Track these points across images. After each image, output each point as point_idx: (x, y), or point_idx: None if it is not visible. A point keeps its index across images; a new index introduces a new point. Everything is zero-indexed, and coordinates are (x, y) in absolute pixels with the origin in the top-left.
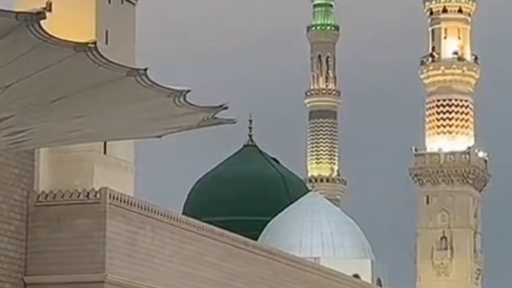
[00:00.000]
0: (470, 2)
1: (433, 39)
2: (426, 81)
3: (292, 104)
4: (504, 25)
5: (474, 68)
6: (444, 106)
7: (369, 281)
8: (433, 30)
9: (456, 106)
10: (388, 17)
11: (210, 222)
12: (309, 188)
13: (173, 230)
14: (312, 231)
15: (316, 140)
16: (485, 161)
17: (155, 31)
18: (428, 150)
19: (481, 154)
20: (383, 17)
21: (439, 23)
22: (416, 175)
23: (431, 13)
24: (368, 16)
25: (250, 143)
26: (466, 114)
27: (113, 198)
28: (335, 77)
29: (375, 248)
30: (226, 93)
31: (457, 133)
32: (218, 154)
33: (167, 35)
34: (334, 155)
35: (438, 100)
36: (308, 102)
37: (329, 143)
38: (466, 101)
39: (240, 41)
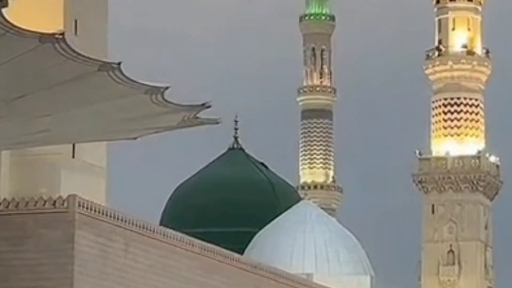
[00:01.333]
0: None
1: (439, 31)
2: (432, 77)
3: (282, 103)
4: None
5: (485, 63)
6: (451, 105)
7: None
8: (439, 21)
9: (465, 105)
10: (390, 7)
11: (190, 234)
12: (301, 196)
13: (149, 243)
14: (305, 244)
15: (309, 143)
16: (497, 166)
17: (130, 20)
18: (434, 154)
19: (492, 158)
20: (384, 6)
21: (446, 12)
22: (420, 182)
23: (438, 1)
24: (367, 5)
25: (235, 145)
26: (476, 114)
27: (83, 206)
28: (330, 73)
29: (375, 263)
30: (209, 90)
31: (466, 135)
32: (200, 158)
33: (144, 25)
34: (329, 160)
35: (445, 99)
36: (301, 101)
37: (324, 146)
38: (476, 99)
39: (225, 32)
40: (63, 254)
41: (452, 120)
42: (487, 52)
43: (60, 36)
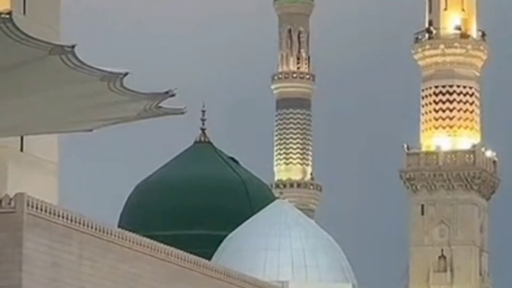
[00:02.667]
0: None
1: (430, 11)
2: (421, 62)
3: (255, 91)
4: None
5: (481, 47)
6: (443, 94)
7: None
8: (430, 0)
9: (459, 94)
10: None
11: (152, 238)
12: (276, 195)
13: (106, 247)
14: (279, 249)
15: (285, 136)
16: (494, 162)
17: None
18: (424, 148)
19: (489, 153)
20: None
21: None
22: (408, 179)
23: None
24: None
25: (202, 138)
26: (471, 104)
27: (32, 206)
28: (308, 58)
29: (357, 270)
30: (174, 77)
31: (459, 127)
32: (163, 152)
33: (101, 5)
34: (307, 155)
35: (437, 87)
36: (275, 88)
37: (301, 139)
38: (471, 88)
39: (191, 12)
40: (9, 259)
41: (444, 111)
42: (483, 34)
43: (7, 16)
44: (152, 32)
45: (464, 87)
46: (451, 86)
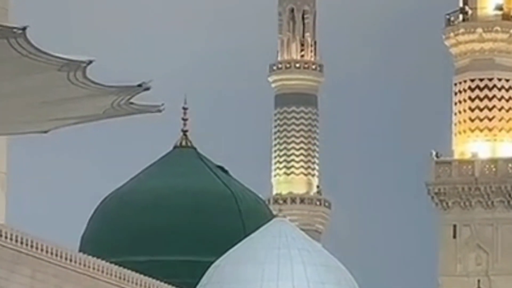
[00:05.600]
0: None
1: None
2: (454, 50)
3: (249, 84)
4: None
5: None
6: (481, 89)
7: None
8: None
9: (500, 89)
10: None
11: (121, 264)
12: (274, 212)
13: (64, 275)
14: (278, 278)
15: (285, 140)
16: None
17: None
18: (457, 156)
19: None
20: None
21: None
22: (437, 194)
23: None
24: None
25: (184, 142)
26: None
27: None
28: (315, 43)
29: None
30: (149, 67)
31: (500, 130)
32: (135, 159)
33: None
34: (313, 163)
35: (472, 80)
36: (274, 81)
37: (306, 143)
38: None
39: None
40: None
41: (481, 110)
42: None
43: None
44: (122, 12)
45: (507, 80)
46: (490, 80)
